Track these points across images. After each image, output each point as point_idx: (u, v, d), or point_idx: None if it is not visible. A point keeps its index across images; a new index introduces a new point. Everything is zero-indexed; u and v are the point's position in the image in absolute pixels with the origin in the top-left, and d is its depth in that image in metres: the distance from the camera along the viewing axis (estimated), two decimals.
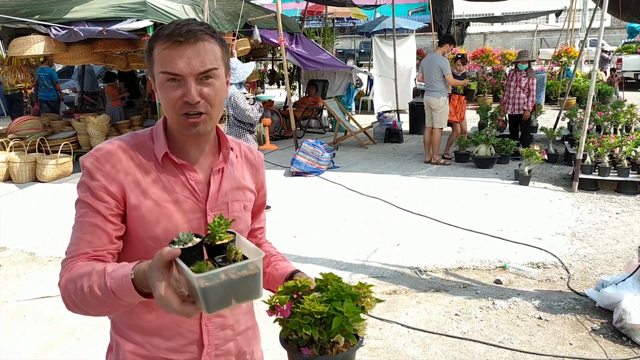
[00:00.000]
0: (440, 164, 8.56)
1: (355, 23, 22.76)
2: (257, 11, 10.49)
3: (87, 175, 1.33)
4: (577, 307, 3.95)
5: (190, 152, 1.40)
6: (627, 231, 5.46)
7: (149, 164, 1.36)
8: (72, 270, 1.26)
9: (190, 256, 1.09)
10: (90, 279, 1.20)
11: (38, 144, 8.49)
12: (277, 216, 6.18)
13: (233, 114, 5.90)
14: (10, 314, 4.08)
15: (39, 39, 7.77)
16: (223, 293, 1.04)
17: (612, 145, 7.12)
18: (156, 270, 1.07)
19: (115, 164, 1.33)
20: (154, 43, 1.31)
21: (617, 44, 22.41)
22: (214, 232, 1.14)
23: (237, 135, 5.98)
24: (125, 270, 1.16)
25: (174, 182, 1.37)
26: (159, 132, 1.40)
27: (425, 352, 3.45)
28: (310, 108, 11.85)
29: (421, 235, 5.48)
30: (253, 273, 1.07)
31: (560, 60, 15.43)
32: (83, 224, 1.31)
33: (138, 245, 1.35)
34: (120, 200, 1.32)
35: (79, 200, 1.34)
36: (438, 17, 16.40)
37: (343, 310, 1.20)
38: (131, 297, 1.16)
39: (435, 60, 8.34)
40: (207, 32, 1.31)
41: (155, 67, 1.31)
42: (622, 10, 9.57)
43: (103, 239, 1.31)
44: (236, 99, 5.79)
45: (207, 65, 1.29)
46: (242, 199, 1.48)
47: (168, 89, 1.29)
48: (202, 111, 1.30)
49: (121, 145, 1.37)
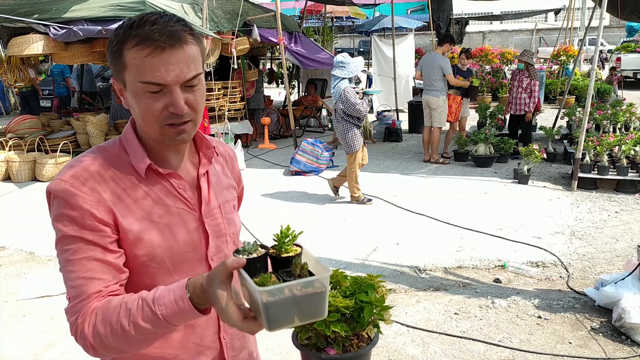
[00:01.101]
0: (439, 163, 8.57)
1: (354, 22, 22.71)
2: (256, 10, 10.47)
3: (64, 205, 1.16)
4: (577, 306, 3.95)
5: (171, 159, 1.29)
6: (626, 230, 5.47)
7: (130, 179, 1.23)
8: (96, 313, 1.13)
9: (254, 267, 1.04)
10: (129, 315, 1.09)
11: (37, 143, 8.49)
12: (276, 215, 6.18)
13: (343, 108, 6.07)
14: (10, 314, 4.08)
15: (38, 38, 7.76)
16: (286, 310, 0.98)
17: (611, 144, 7.13)
18: (218, 282, 1.01)
19: (94, 185, 1.18)
20: (124, 45, 1.15)
21: (616, 43, 22.42)
22: (280, 243, 1.09)
23: (345, 129, 6.20)
24: (177, 292, 1.08)
25: (162, 195, 1.25)
26: (132, 142, 1.26)
27: (424, 351, 3.45)
28: (310, 107, 11.85)
29: (420, 234, 5.49)
30: (319, 291, 1.01)
31: (559, 59, 15.43)
32: (80, 261, 1.15)
33: (140, 270, 1.23)
34: (112, 225, 1.18)
35: (63, 237, 1.16)
36: (437, 16, 16.38)
37: (371, 300, 1.18)
38: (189, 318, 1.09)
39: (436, 60, 8.34)
40: (188, 31, 1.18)
41: (130, 74, 1.16)
42: (621, 9, 9.56)
43: (111, 272, 1.17)
44: (347, 93, 5.98)
45: (193, 72, 1.18)
46: (230, 198, 1.41)
47: (149, 99, 1.16)
48: (188, 119, 1.20)
49: (93, 162, 1.22)
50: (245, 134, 10.16)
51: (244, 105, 10.03)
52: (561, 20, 18.41)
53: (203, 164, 1.33)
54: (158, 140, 1.23)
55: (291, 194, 7.08)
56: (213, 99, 9.04)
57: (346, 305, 1.16)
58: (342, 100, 6.04)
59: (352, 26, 22.92)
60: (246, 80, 10.40)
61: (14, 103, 15.90)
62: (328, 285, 1.03)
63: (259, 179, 7.80)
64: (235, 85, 9.67)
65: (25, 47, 7.73)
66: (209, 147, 1.35)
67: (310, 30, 15.98)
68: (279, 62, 12.47)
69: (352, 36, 27.68)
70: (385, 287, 1.26)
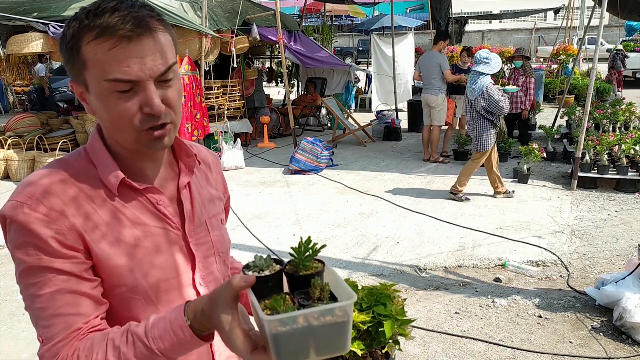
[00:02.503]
0: (439, 162, 8.56)
1: (354, 21, 22.70)
2: (255, 9, 10.46)
3: (27, 232, 0.97)
4: (577, 306, 3.95)
5: (146, 170, 1.11)
6: (626, 229, 5.47)
7: (100, 197, 1.04)
8: (77, 355, 0.95)
9: (266, 287, 0.89)
10: (118, 354, 0.93)
11: (36, 141, 8.47)
12: (276, 214, 6.17)
13: (484, 106, 6.03)
14: (10, 312, 4.07)
15: (37, 36, 7.73)
16: (300, 342, 0.83)
17: (611, 144, 7.13)
18: (223, 305, 0.87)
19: (57, 206, 0.99)
20: (80, 39, 0.97)
21: (615, 42, 22.43)
22: (298, 258, 0.93)
23: (481, 128, 6.15)
24: (175, 320, 0.92)
25: (139, 213, 1.07)
26: (100, 153, 1.07)
27: (425, 350, 3.45)
28: (309, 106, 11.84)
29: (420, 234, 5.48)
30: (340, 321, 0.84)
31: (559, 58, 15.43)
32: (51, 296, 0.97)
33: (118, 301, 1.05)
34: (83, 251, 1.00)
35: (28, 269, 0.98)
36: (437, 15, 16.39)
37: (391, 313, 1.05)
38: (192, 348, 0.94)
39: (434, 58, 8.35)
40: (156, 16, 1.01)
41: (92, 73, 0.98)
42: (620, 8, 9.57)
43: (88, 305, 0.99)
44: (490, 90, 5.96)
45: (168, 62, 1.00)
46: (217, 212, 1.23)
47: (118, 100, 0.98)
48: (167, 121, 1.02)
49: (53, 178, 1.02)
50: (245, 132, 10.15)
51: (243, 104, 10.02)
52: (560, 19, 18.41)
53: (184, 175, 1.15)
54: (132, 148, 1.05)
55: (290, 193, 7.07)
56: (212, 98, 9.03)
57: (363, 321, 1.03)
58: (484, 97, 5.98)
59: (351, 25, 22.89)
60: (246, 79, 10.39)
61: (12, 102, 15.88)
62: (352, 313, 0.87)
63: (258, 178, 7.80)
64: (235, 84, 9.66)
65: (24, 45, 7.71)
66: (189, 154, 1.16)
67: (310, 29, 15.98)
68: (279, 61, 12.47)
69: (351, 35, 27.69)
70: (400, 296, 1.14)
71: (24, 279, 1.00)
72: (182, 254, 1.11)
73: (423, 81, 8.63)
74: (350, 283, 1.17)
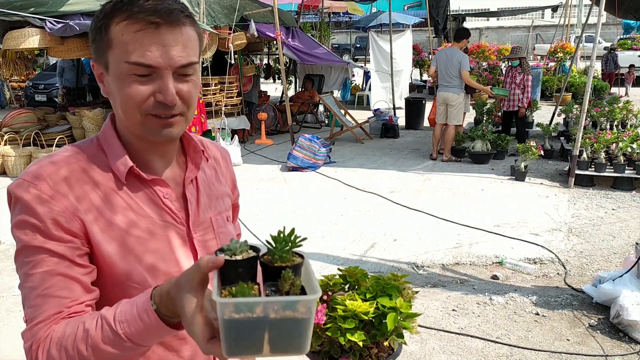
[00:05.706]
0: (452, 161, 8.49)
1: (352, 18, 22.67)
2: (253, 5, 10.43)
3: (28, 211, 0.98)
4: (574, 303, 3.96)
5: (154, 163, 1.11)
6: (623, 227, 5.48)
7: (107, 184, 1.05)
8: (51, 337, 0.93)
9: (236, 273, 0.82)
10: (87, 338, 0.90)
11: (33, 137, 8.44)
12: (273, 211, 6.17)
13: None
14: (7, 309, 4.06)
15: (34, 32, 7.70)
16: (253, 334, 0.76)
17: (609, 142, 7.14)
18: (188, 288, 0.82)
19: (63, 190, 1.00)
20: (111, 19, 0.99)
21: (612, 40, 22.46)
22: (275, 248, 0.86)
23: None
24: (141, 304, 0.89)
25: (145, 205, 1.07)
26: (111, 141, 1.08)
27: (422, 348, 3.45)
28: (307, 103, 11.83)
29: (418, 231, 5.49)
30: (300, 317, 0.77)
31: (556, 56, 15.45)
32: (40, 276, 0.97)
33: (117, 292, 1.04)
34: (82, 237, 1.00)
35: (24, 248, 0.99)
36: (434, 12, 16.38)
37: (396, 306, 1.00)
38: (160, 335, 0.90)
39: (455, 55, 8.10)
40: (187, 13, 1.02)
41: (115, 53, 1.00)
42: (617, 7, 9.59)
43: (75, 290, 0.98)
44: None
45: (190, 57, 1.02)
46: (224, 209, 1.22)
47: (134, 83, 0.99)
48: (178, 112, 1.03)
49: (66, 162, 1.04)
50: (243, 129, 10.13)
51: (240, 100, 10.00)
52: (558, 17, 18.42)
53: (190, 170, 1.15)
54: (140, 134, 1.05)
55: (288, 190, 7.06)
56: (210, 94, 9.00)
57: (365, 311, 0.98)
58: None
59: (349, 22, 22.88)
60: (243, 75, 10.37)
61: (9, 97, 15.83)
62: (314, 311, 0.80)
63: (255, 175, 7.79)
64: (232, 81, 9.64)
65: (21, 41, 7.67)
66: (196, 150, 1.17)
67: (308, 26, 15.93)
68: (276, 58, 12.44)
69: (349, 32, 27.67)
70: (411, 289, 1.12)
71: (20, 258, 1.00)
72: (184, 249, 1.11)
73: (439, 78, 8.39)
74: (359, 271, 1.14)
